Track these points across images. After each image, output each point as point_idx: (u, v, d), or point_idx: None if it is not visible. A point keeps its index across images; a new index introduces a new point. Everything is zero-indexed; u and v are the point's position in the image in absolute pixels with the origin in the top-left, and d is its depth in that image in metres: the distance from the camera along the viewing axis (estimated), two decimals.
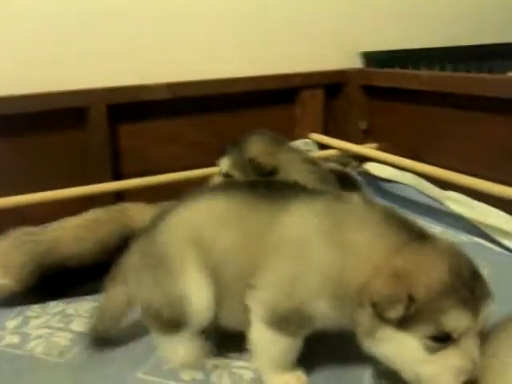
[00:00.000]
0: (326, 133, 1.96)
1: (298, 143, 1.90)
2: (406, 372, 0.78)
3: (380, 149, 1.82)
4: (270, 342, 0.85)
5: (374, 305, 0.74)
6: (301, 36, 1.94)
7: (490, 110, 1.46)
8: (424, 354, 0.75)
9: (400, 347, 0.76)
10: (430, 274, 0.74)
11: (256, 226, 0.85)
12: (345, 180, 1.48)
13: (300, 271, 0.80)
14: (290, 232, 0.83)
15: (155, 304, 0.90)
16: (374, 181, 1.78)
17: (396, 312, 0.73)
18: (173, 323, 0.89)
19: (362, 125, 1.95)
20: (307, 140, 1.94)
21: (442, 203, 1.52)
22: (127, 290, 0.95)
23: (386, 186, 1.75)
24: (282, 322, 0.82)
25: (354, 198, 0.86)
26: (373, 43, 1.99)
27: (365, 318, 0.77)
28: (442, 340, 0.74)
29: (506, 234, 1.31)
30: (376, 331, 0.76)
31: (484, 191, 1.35)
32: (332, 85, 1.96)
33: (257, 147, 1.37)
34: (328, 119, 1.99)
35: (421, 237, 0.79)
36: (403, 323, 0.74)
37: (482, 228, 1.37)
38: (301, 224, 0.83)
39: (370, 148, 1.84)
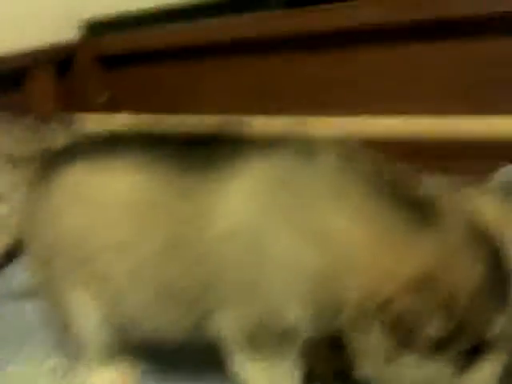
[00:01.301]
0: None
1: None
2: None
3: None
4: (258, 373, 0.63)
5: (395, 325, 0.53)
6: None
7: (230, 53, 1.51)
8: (456, 375, 0.57)
9: (427, 372, 0.57)
10: (464, 270, 0.53)
11: (187, 216, 0.60)
12: None
13: (260, 275, 0.58)
14: (233, 220, 0.58)
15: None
16: None
17: (431, 329, 0.53)
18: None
19: (103, 98, 1.83)
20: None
21: None
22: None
23: None
24: (255, 341, 0.61)
25: (324, 155, 0.58)
26: (96, 8, 1.85)
27: (374, 343, 0.56)
28: (474, 352, 0.56)
29: None
30: (394, 359, 0.56)
31: None
32: (62, 60, 1.79)
33: None
34: (65, 98, 1.82)
35: (429, 212, 0.56)
36: (438, 342, 0.54)
37: None
38: (247, 205, 0.58)
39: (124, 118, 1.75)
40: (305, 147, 0.60)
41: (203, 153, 0.62)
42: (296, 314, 0.57)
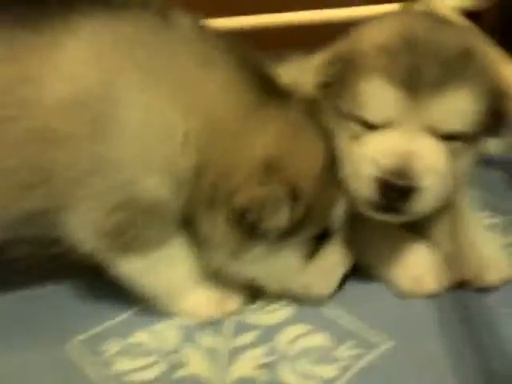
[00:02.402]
0: None
1: None
2: (276, 287, 0.60)
3: None
4: (140, 267, 0.58)
5: (241, 214, 0.51)
6: None
7: None
8: (301, 263, 0.57)
9: (274, 262, 0.56)
10: (307, 155, 0.52)
11: (11, 82, 0.48)
12: None
13: (110, 146, 0.49)
14: (73, 86, 0.47)
15: None
16: None
17: (278, 219, 0.50)
18: None
19: None
20: None
21: None
22: None
23: None
24: (117, 237, 0.54)
25: (183, 19, 0.52)
26: None
27: (221, 235, 0.53)
28: (321, 237, 0.57)
29: None
30: (243, 250, 0.54)
31: None
32: None
33: None
34: None
35: (274, 90, 0.53)
36: (284, 231, 0.53)
37: None
38: (91, 67, 0.47)
39: None
40: (159, 10, 0.52)
41: (36, 6, 0.50)
42: (155, 181, 0.51)
